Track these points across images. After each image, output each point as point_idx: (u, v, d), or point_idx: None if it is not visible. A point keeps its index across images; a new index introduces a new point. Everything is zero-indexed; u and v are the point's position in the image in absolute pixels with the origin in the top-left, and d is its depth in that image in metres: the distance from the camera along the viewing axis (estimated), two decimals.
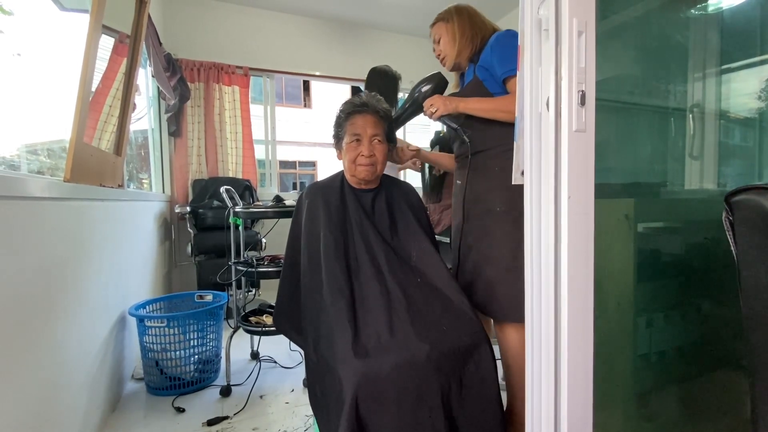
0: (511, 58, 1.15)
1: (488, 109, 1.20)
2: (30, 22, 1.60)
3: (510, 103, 1.14)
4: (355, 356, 0.97)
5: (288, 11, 3.55)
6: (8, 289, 0.89)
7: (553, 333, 0.78)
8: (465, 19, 1.33)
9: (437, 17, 1.38)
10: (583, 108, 0.73)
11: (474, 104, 1.22)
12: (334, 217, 1.25)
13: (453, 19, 1.33)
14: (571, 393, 0.78)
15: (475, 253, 1.27)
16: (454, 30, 1.32)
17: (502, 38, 1.21)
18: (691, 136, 1.37)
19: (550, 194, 0.76)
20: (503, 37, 1.22)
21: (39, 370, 1.02)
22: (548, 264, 0.78)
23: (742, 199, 0.59)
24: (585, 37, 0.73)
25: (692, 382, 1.18)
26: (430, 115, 1.26)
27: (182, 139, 3.18)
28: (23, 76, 1.54)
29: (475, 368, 1.07)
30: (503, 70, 1.19)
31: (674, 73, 1.41)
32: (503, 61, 1.18)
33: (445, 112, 1.23)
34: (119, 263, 1.74)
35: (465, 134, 1.26)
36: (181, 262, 3.13)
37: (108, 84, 1.84)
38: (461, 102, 1.23)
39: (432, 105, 1.26)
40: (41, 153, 1.70)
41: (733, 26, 1.43)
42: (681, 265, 1.19)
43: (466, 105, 1.23)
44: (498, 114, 1.19)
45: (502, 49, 1.19)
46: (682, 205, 1.33)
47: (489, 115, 1.20)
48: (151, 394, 1.73)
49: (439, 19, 1.37)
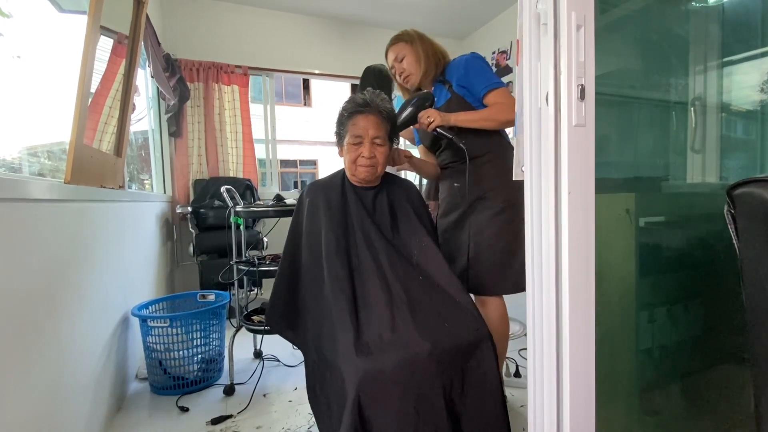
0: (486, 76, 1.37)
1: (476, 120, 1.35)
2: (29, 24, 1.60)
3: (494, 113, 1.34)
4: (358, 354, 0.97)
5: (286, 10, 3.54)
6: (12, 290, 0.89)
7: (555, 329, 0.78)
8: (427, 43, 1.47)
9: (398, 37, 1.50)
10: (582, 102, 0.73)
11: (463, 116, 1.36)
12: (335, 215, 1.24)
13: (416, 41, 1.46)
14: (574, 388, 0.78)
15: (474, 244, 1.41)
16: (418, 52, 1.45)
17: (473, 61, 1.40)
18: (692, 130, 1.36)
19: (550, 189, 0.76)
20: (473, 59, 1.41)
21: (44, 371, 1.02)
22: (549, 260, 0.77)
23: (744, 192, 0.59)
24: (584, 30, 0.72)
25: (695, 376, 1.18)
26: (427, 126, 1.36)
27: (182, 140, 3.18)
28: (23, 78, 1.54)
29: (477, 365, 1.07)
30: (481, 87, 1.37)
31: (675, 66, 1.40)
32: (480, 80, 1.37)
33: (441, 123, 1.35)
34: (121, 264, 1.74)
35: (461, 143, 1.35)
36: (183, 262, 3.14)
37: (107, 85, 1.84)
38: (452, 116, 1.36)
39: (429, 116, 1.35)
40: (42, 155, 1.70)
41: (734, 18, 1.42)
42: (682, 260, 1.19)
43: (457, 118, 1.36)
44: (485, 123, 1.35)
45: (476, 70, 1.39)
46: (684, 199, 1.33)
47: (477, 125, 1.35)
48: (155, 393, 1.74)
49: (401, 40, 1.48)
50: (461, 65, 1.42)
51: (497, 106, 1.34)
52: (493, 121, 1.34)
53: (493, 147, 1.43)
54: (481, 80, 1.37)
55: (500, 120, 1.34)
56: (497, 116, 1.33)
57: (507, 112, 1.32)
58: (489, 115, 1.34)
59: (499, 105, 1.34)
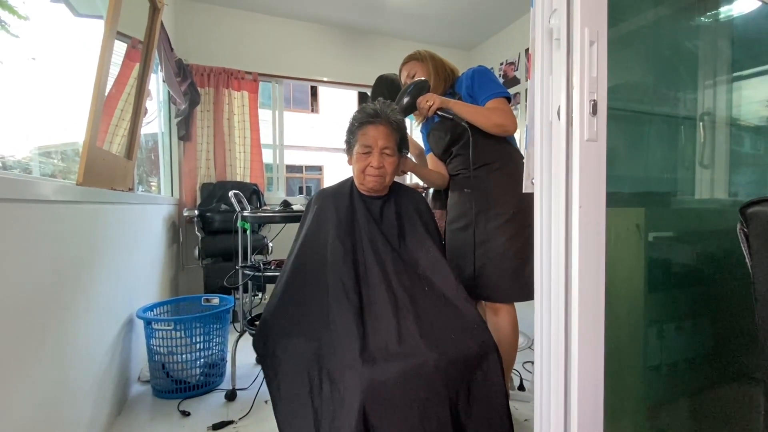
0: (491, 86, 1.43)
1: (471, 111, 1.39)
2: (45, 27, 1.63)
3: (488, 111, 1.39)
4: (364, 363, 0.96)
5: (296, 18, 3.59)
6: (20, 290, 0.90)
7: (564, 343, 0.78)
8: (438, 62, 1.58)
9: (411, 56, 1.61)
10: (594, 117, 0.73)
11: (461, 105, 1.41)
12: (342, 223, 1.25)
13: (427, 60, 1.57)
14: (581, 403, 0.77)
15: (484, 250, 1.43)
16: (429, 69, 1.55)
17: (479, 71, 1.47)
18: (701, 145, 1.36)
19: (560, 203, 0.76)
20: (480, 70, 1.48)
21: (48, 371, 1.02)
22: (558, 273, 0.77)
23: (758, 210, 0.59)
24: (597, 46, 0.73)
25: (703, 394, 1.16)
26: (427, 109, 1.40)
27: (191, 143, 3.21)
28: (37, 79, 1.57)
29: (483, 377, 1.06)
30: (486, 94, 1.42)
31: (685, 81, 1.40)
32: (485, 89, 1.43)
33: (441, 106, 1.39)
34: (128, 266, 1.75)
35: (463, 122, 1.39)
36: (189, 266, 3.15)
37: (120, 88, 1.87)
38: (450, 102, 1.41)
39: (428, 100, 1.40)
40: (54, 156, 1.72)
41: (744, 34, 1.42)
42: (692, 275, 1.18)
43: (455, 105, 1.40)
44: (479, 117, 1.38)
45: (482, 80, 1.45)
46: (693, 215, 1.32)
47: (471, 116, 1.39)
48: (157, 397, 1.74)
49: (414, 58, 1.60)
50: (469, 76, 1.49)
51: (494, 109, 1.40)
52: (486, 117, 1.38)
53: (502, 155, 1.46)
54: (486, 89, 1.44)
55: (492, 120, 1.38)
56: (491, 115, 1.38)
57: (501, 116, 1.38)
58: (484, 112, 1.39)
59: (496, 109, 1.40)
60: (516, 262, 1.39)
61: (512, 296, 1.42)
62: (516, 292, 1.40)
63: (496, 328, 1.42)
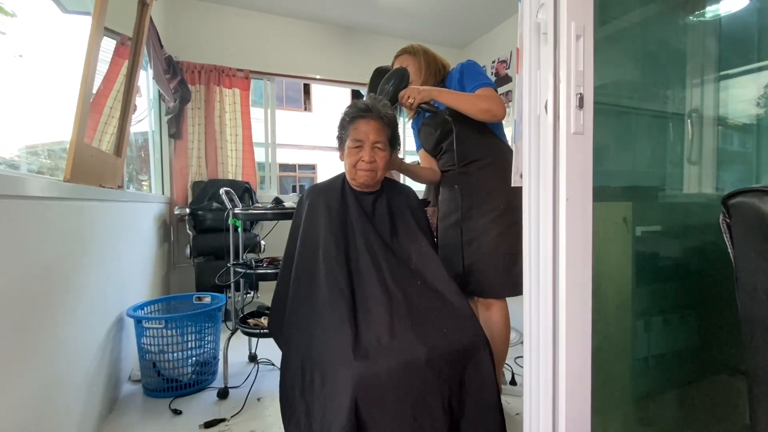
0: (478, 77, 1.43)
1: (457, 100, 1.38)
2: (32, 23, 1.61)
3: (474, 97, 1.38)
4: (356, 357, 0.96)
5: (289, 15, 3.57)
6: (7, 288, 0.89)
7: (551, 336, 0.79)
8: (430, 55, 1.59)
9: (404, 50, 1.61)
10: (581, 111, 0.74)
11: (446, 94, 1.40)
12: (334, 219, 1.25)
13: (419, 54, 1.57)
14: (569, 397, 0.78)
15: (476, 246, 1.43)
16: (420, 63, 1.56)
17: (467, 65, 1.48)
18: (689, 141, 1.38)
19: (548, 196, 0.76)
20: (468, 64, 1.48)
21: (37, 371, 1.01)
22: (546, 266, 0.78)
23: (740, 201, 0.60)
24: (583, 40, 0.74)
25: (690, 386, 1.18)
26: (409, 106, 1.40)
27: (182, 141, 3.18)
28: (25, 77, 1.55)
29: (475, 372, 1.07)
30: (473, 85, 1.42)
31: (673, 78, 1.42)
32: (472, 80, 1.43)
33: (422, 101, 1.38)
34: (118, 264, 1.73)
35: (445, 114, 1.40)
36: (180, 264, 3.12)
37: (109, 86, 1.85)
38: (434, 91, 1.40)
39: (408, 96, 1.39)
40: (41, 154, 1.70)
41: (731, 33, 1.44)
42: (679, 269, 1.19)
43: (439, 94, 1.39)
44: (465, 104, 1.37)
45: (470, 73, 1.46)
46: (680, 209, 1.33)
47: (457, 103, 1.38)
48: (148, 396, 1.72)
49: (406, 52, 1.60)
50: (457, 70, 1.50)
51: (480, 95, 1.39)
52: (472, 104, 1.36)
53: (492, 151, 1.47)
54: (473, 80, 1.44)
55: (479, 105, 1.36)
56: (477, 101, 1.36)
57: (488, 101, 1.36)
58: (469, 98, 1.38)
59: (483, 95, 1.39)
60: (507, 258, 1.39)
61: (504, 292, 1.43)
62: (507, 287, 1.41)
63: (488, 324, 1.43)
